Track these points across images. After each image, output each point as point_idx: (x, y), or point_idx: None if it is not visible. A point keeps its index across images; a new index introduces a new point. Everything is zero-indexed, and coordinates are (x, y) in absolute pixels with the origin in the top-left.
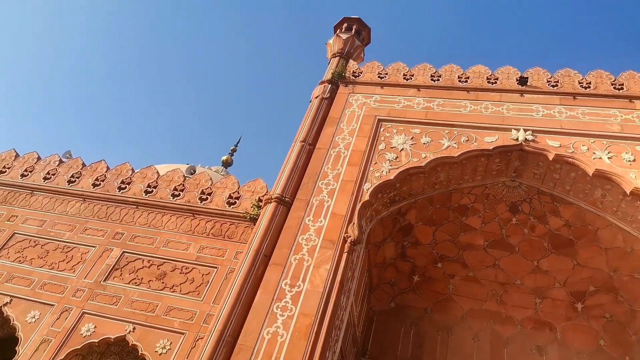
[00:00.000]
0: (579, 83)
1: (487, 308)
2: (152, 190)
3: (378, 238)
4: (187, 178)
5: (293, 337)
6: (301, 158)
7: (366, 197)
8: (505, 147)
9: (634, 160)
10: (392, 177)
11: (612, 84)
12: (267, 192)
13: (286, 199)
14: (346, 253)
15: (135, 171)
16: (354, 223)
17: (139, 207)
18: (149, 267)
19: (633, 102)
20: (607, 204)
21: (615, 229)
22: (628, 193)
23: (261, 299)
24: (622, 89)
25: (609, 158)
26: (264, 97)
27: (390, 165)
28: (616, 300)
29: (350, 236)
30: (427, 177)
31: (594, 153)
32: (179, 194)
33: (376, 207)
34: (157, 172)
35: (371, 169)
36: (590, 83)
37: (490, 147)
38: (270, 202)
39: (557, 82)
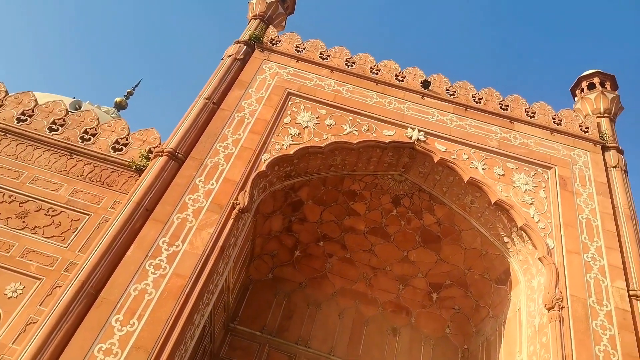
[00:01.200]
0: (472, 97)
1: (356, 289)
2: (27, 120)
3: (268, 209)
4: (70, 113)
5: (162, 296)
6: (202, 116)
7: (263, 167)
8: (400, 143)
9: (503, 175)
10: (291, 152)
11: (499, 104)
12: (159, 144)
13: (179, 155)
14: (232, 220)
15: (10, 94)
16: (245, 191)
17: (7, 135)
18: (9, 203)
19: (513, 123)
20: (474, 209)
21: (476, 232)
22: (493, 203)
23: (134, 254)
24: (506, 109)
25: (483, 169)
26: (175, 45)
27: (292, 140)
28: (466, 295)
29: (239, 204)
30: (324, 158)
31: (472, 162)
32: (58, 129)
33: (271, 179)
34: (36, 100)
35: (272, 140)
36: (482, 99)
37: (387, 141)
38: (161, 156)
39: (455, 92)
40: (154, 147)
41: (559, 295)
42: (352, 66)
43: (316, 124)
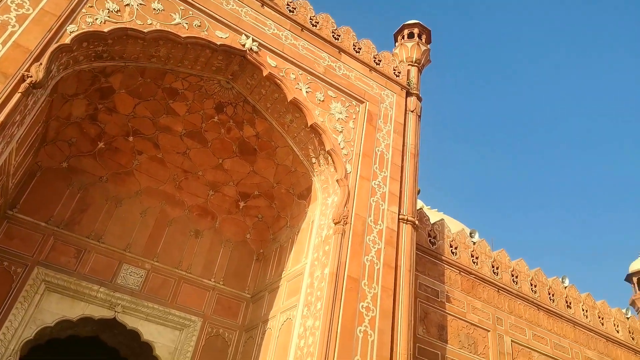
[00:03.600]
0: (310, 19)
1: (164, 189)
2: None
3: (69, 91)
4: None
5: None
6: None
7: (67, 40)
8: (232, 49)
9: (323, 101)
10: (105, 30)
11: (333, 32)
12: None
13: None
14: (20, 94)
15: None
16: (41, 64)
17: None
18: None
19: (340, 54)
20: (292, 128)
21: (290, 150)
22: (309, 125)
23: None
24: (338, 39)
25: (306, 92)
26: None
27: (109, 17)
28: (270, 206)
29: (32, 77)
30: (146, 46)
31: (298, 84)
32: None
33: (77, 57)
34: None
35: (84, 11)
36: (318, 23)
37: (218, 43)
38: None
39: (295, 9)
40: None
41: (346, 213)
42: None
43: (141, 4)
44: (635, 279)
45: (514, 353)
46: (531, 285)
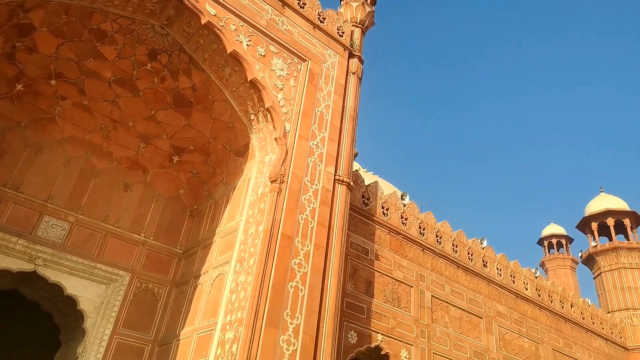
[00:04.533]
0: None
1: (90, 139)
2: None
3: None
4: None
5: None
6: None
7: None
8: None
9: (264, 56)
10: None
11: None
12: None
13: None
14: None
15: None
16: None
17: None
18: None
19: (284, 7)
20: (230, 82)
21: (228, 105)
22: (249, 80)
23: None
24: None
25: (247, 45)
26: None
27: None
28: (206, 162)
29: None
30: None
31: (239, 36)
32: None
33: None
34: None
35: None
36: None
37: None
38: None
39: None
40: None
41: (283, 172)
42: None
43: None
44: (546, 243)
45: (433, 307)
46: (453, 245)
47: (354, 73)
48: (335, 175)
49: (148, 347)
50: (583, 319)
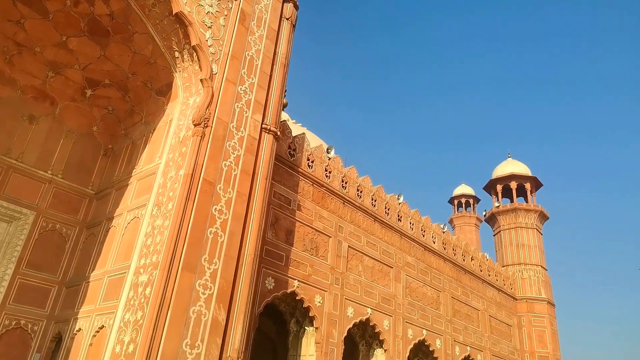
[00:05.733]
0: None
1: None
2: None
3: None
4: None
5: None
6: None
7: None
8: None
9: None
10: None
11: None
12: None
13: None
14: None
15: None
16: None
17: None
18: None
19: None
20: (153, 14)
21: (150, 38)
22: (174, 13)
23: None
24: None
25: None
26: None
27: None
28: (123, 99)
29: None
30: None
31: None
32: None
33: None
34: None
35: None
36: None
37: None
38: None
39: None
40: None
41: (207, 115)
42: None
43: None
44: (455, 202)
45: (349, 256)
46: (372, 199)
47: (287, 19)
48: (262, 124)
49: (54, 289)
50: (480, 271)
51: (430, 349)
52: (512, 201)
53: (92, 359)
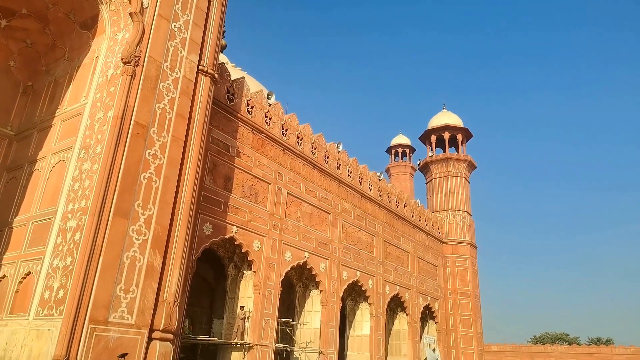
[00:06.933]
0: None
1: None
2: None
3: None
4: None
5: None
6: None
7: None
8: None
9: None
10: None
11: None
12: None
13: None
14: None
15: None
16: None
17: None
18: None
19: None
20: None
21: None
22: None
23: None
24: None
25: None
26: None
27: None
28: (43, 31)
29: None
30: None
31: None
32: None
33: None
34: None
35: None
36: None
37: None
38: None
39: None
40: None
41: (138, 53)
42: None
43: None
44: (393, 151)
45: (288, 203)
46: (312, 147)
47: None
48: (198, 65)
49: None
50: (412, 216)
51: (363, 288)
52: (444, 151)
53: (19, 306)
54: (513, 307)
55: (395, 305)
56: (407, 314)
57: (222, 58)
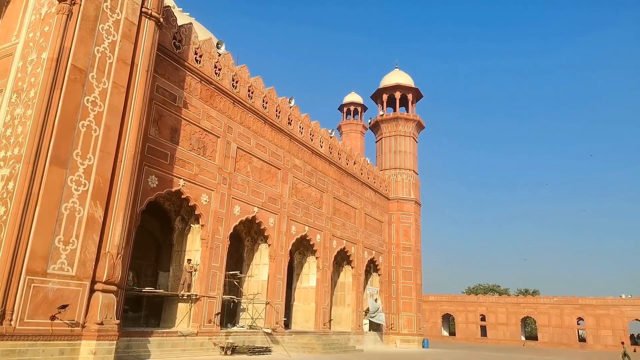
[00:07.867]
0: None
1: None
2: None
3: None
4: None
5: None
6: None
7: None
8: None
9: None
10: None
11: None
12: None
13: None
14: None
15: None
16: None
17: None
18: None
19: None
20: None
21: None
22: None
23: None
24: None
25: None
26: None
27: None
28: None
29: None
30: None
31: None
32: None
33: None
34: None
35: None
36: None
37: None
38: None
39: None
40: None
41: None
42: None
43: None
44: (345, 109)
45: (237, 157)
46: (263, 101)
47: None
48: (142, 7)
49: None
50: (361, 174)
51: (311, 242)
52: (395, 110)
53: None
54: (450, 261)
55: (342, 259)
56: (352, 267)
57: (168, 1)
